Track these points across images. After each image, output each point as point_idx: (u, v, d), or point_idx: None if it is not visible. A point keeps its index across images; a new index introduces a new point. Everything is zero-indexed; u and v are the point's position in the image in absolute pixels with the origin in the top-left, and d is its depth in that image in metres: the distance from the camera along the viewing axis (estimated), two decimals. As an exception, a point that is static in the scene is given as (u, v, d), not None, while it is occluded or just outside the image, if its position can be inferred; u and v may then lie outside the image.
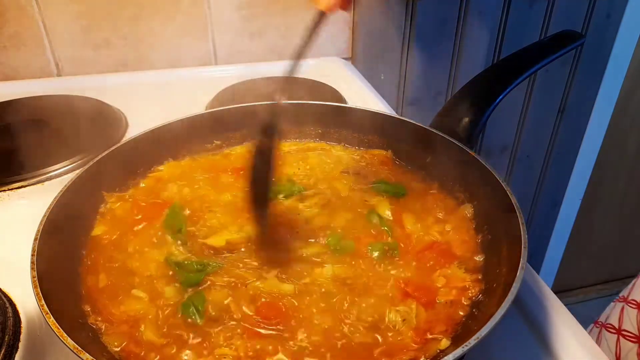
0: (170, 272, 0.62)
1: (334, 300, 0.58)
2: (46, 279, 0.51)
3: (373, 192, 0.76)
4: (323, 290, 0.59)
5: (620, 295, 0.89)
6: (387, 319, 0.56)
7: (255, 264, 0.62)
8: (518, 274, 0.51)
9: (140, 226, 0.68)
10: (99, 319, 0.56)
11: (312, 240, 0.66)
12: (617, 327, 0.85)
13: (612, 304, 0.91)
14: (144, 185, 0.76)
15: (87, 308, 0.57)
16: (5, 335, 0.57)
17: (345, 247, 0.65)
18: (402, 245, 0.66)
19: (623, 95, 1.71)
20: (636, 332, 0.81)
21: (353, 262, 0.63)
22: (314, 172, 0.81)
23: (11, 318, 0.60)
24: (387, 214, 0.71)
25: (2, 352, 0.56)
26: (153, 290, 0.59)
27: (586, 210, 1.98)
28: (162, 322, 0.56)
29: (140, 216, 0.69)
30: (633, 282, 0.88)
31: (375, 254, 0.64)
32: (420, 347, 0.53)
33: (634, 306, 0.83)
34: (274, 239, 0.66)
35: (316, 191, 0.75)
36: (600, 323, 0.91)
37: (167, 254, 0.64)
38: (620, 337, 0.84)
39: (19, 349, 0.58)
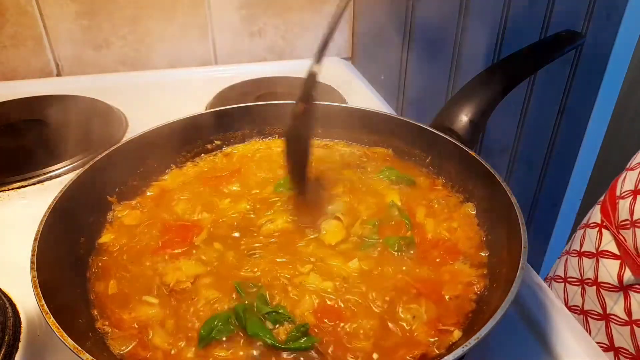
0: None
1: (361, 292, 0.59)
2: (46, 279, 0.51)
3: (384, 180, 0.76)
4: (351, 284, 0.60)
5: (563, 250, 0.97)
6: (401, 315, 0.56)
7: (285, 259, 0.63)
8: (518, 274, 0.51)
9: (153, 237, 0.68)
10: (107, 323, 0.55)
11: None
12: (563, 276, 0.93)
13: (557, 260, 0.99)
14: (150, 193, 0.76)
15: (95, 312, 0.57)
16: (5, 335, 0.57)
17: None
18: (418, 240, 0.66)
19: (623, 95, 1.70)
20: (578, 276, 0.88)
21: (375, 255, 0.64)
22: (317, 165, 0.81)
23: (11, 318, 0.60)
24: (399, 204, 0.71)
25: (2, 352, 0.56)
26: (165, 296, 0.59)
27: (586, 210, 1.97)
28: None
29: (158, 241, 0.68)
30: (572, 237, 0.96)
31: (395, 247, 0.65)
32: (435, 340, 0.54)
33: (574, 255, 0.91)
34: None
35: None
36: (549, 277, 0.99)
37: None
38: (566, 284, 0.92)
39: (19, 349, 0.58)
